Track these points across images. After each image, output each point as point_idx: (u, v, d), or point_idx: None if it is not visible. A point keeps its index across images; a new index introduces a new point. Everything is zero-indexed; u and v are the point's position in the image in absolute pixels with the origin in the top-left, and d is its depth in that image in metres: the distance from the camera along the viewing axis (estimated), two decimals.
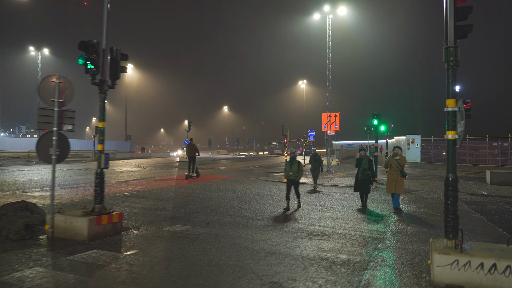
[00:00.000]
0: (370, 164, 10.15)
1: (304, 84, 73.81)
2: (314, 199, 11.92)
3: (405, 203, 11.18)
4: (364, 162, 10.15)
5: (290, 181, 9.94)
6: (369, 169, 10.06)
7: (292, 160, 9.93)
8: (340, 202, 11.27)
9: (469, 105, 13.37)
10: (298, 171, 9.74)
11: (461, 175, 20.86)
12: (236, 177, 19.79)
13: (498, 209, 10.25)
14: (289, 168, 9.86)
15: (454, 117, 4.70)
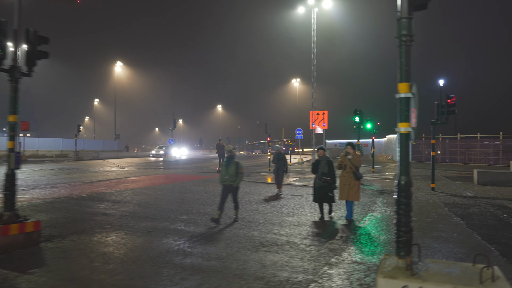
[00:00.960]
0: (330, 168, 8.21)
1: (298, 83, 72.95)
2: (284, 201, 10.98)
3: (382, 206, 10.28)
4: (322, 166, 8.25)
5: (226, 187, 7.88)
6: (329, 174, 8.16)
7: (228, 161, 7.97)
8: (312, 205, 10.34)
9: (453, 100, 12.51)
10: (235, 174, 7.81)
11: (449, 174, 20.01)
12: (216, 177, 18.85)
13: (480, 212, 9.36)
14: (225, 170, 7.87)
15: (407, 106, 3.77)
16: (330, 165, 8.25)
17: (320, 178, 8.18)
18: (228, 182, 7.84)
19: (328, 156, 8.51)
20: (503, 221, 8.33)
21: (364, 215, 9.01)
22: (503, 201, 11.04)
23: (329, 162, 8.28)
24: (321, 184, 8.16)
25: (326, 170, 8.18)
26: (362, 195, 12.26)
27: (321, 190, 8.18)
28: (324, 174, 8.17)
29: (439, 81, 12.63)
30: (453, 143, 31.55)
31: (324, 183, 8.13)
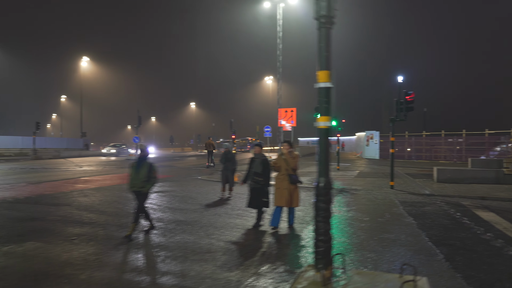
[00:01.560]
0: (264, 167, 7.20)
1: (271, 80, 72.61)
2: (239, 201, 10.46)
3: (338, 205, 9.92)
4: (256, 165, 7.23)
5: (136, 193, 6.54)
6: (263, 174, 7.15)
7: (140, 162, 6.55)
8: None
9: (412, 97, 12.31)
10: (147, 178, 6.45)
11: (413, 172, 20.06)
12: (175, 177, 18.11)
13: (434, 211, 9.14)
14: (135, 174, 6.47)
15: (327, 97, 3.30)
16: (266, 164, 7.26)
17: (252, 178, 7.28)
18: (137, 188, 6.48)
19: (264, 155, 7.59)
20: (454, 220, 8.11)
21: (313, 218, 8.59)
22: (458, 199, 10.92)
23: (264, 162, 7.29)
24: (254, 185, 7.23)
25: (260, 169, 7.18)
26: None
27: (254, 193, 7.26)
28: (257, 174, 7.21)
29: (397, 78, 12.35)
30: (419, 140, 31.95)
31: (256, 184, 7.19)
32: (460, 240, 6.43)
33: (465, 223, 7.83)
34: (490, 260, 5.33)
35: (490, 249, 5.91)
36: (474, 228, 7.37)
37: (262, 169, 7.18)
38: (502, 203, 10.33)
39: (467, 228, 7.32)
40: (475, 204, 10.12)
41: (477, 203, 10.22)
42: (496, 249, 5.87)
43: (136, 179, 6.47)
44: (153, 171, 6.59)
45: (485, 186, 13.09)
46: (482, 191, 12.06)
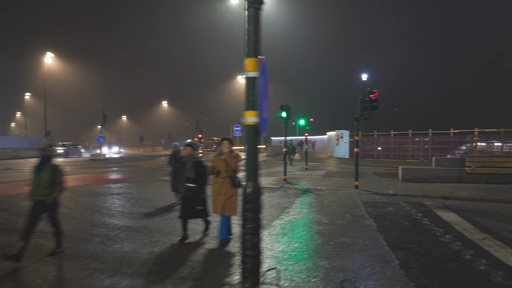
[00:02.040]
0: (198, 171, 6.11)
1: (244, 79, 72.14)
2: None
3: (300, 206, 9.54)
4: (187, 169, 6.14)
5: (37, 204, 5.24)
6: (196, 179, 6.08)
7: (41, 165, 5.32)
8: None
9: (376, 95, 12.11)
10: (50, 185, 5.23)
11: (380, 171, 20.09)
12: (137, 177, 17.33)
13: (396, 211, 8.91)
14: (36, 179, 5.25)
15: (254, 88, 2.84)
16: (199, 167, 6.16)
17: (183, 185, 6.15)
18: (40, 197, 5.21)
19: (196, 156, 6.38)
20: (415, 221, 7.88)
21: (271, 220, 8.16)
22: (421, 199, 10.79)
23: (198, 164, 6.19)
24: (186, 193, 6.11)
25: (193, 174, 6.09)
26: (283, 195, 11.53)
27: (187, 202, 6.12)
28: (189, 180, 6.10)
29: (362, 76, 12.14)
30: (387, 139, 32.31)
31: (189, 191, 6.08)
32: (418, 244, 6.14)
33: (425, 224, 7.60)
34: (446, 265, 5.05)
35: (447, 253, 5.64)
36: (434, 229, 7.14)
37: (195, 173, 6.11)
38: (463, 202, 10.26)
39: (426, 230, 7.08)
40: (437, 204, 9.99)
41: (439, 203, 10.09)
42: (453, 253, 5.61)
43: (37, 186, 5.21)
44: (58, 175, 5.33)
45: (448, 185, 13.09)
46: (444, 190, 12.02)
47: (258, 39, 2.85)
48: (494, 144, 28.45)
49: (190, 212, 6.12)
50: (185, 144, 6.53)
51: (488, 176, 13.55)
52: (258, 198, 2.83)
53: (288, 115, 14.59)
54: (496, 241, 6.30)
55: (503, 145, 25.74)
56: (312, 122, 23.04)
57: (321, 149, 55.82)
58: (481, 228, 7.28)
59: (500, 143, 26.47)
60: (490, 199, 10.40)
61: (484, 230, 7.11)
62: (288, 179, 15.55)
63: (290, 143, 23.42)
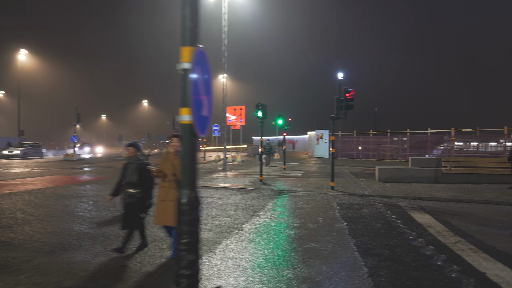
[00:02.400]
0: (142, 175, 5.33)
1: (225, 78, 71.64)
2: None
3: (272, 209, 9.21)
4: (130, 172, 5.35)
5: None
6: (140, 184, 5.31)
7: None
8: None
9: (352, 94, 11.88)
10: None
11: (358, 171, 19.98)
12: (108, 179, 16.68)
13: (370, 213, 8.67)
14: None
15: (186, 81, 2.45)
16: (143, 171, 5.35)
17: (125, 191, 5.36)
18: None
19: (141, 157, 5.53)
20: (388, 224, 7.64)
21: (240, 224, 7.80)
22: (396, 200, 10.62)
23: (141, 167, 5.38)
24: (128, 200, 5.31)
25: (136, 178, 5.29)
26: (257, 196, 11.19)
27: (129, 210, 5.32)
28: (131, 184, 5.32)
29: (338, 75, 11.90)
30: (366, 139, 32.40)
31: (131, 198, 5.29)
32: (389, 249, 5.88)
33: (398, 227, 7.37)
34: (417, 273, 4.77)
35: (419, 258, 5.39)
36: (407, 232, 6.91)
37: (138, 177, 5.31)
38: (438, 203, 10.13)
39: (399, 234, 6.84)
40: (412, 205, 9.82)
41: (414, 204, 9.93)
42: (424, 259, 5.36)
43: None
44: None
45: (424, 186, 13.00)
46: (420, 190, 11.90)
47: (196, 25, 2.46)
48: (471, 143, 28.85)
49: (132, 221, 5.35)
50: (127, 144, 5.65)
51: (463, 176, 13.53)
52: (195, 208, 2.45)
53: (264, 115, 14.26)
54: (469, 244, 6.10)
55: (479, 144, 26.11)
56: (290, 121, 22.83)
57: (303, 149, 55.87)
58: (454, 230, 7.09)
59: (476, 142, 26.83)
60: (465, 199, 10.31)
61: (457, 232, 6.92)
62: (264, 180, 15.21)
63: (267, 143, 23.04)
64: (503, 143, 25.37)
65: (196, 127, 2.40)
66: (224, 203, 10.23)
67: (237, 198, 11.10)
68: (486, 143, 26.94)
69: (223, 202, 10.39)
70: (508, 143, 23.68)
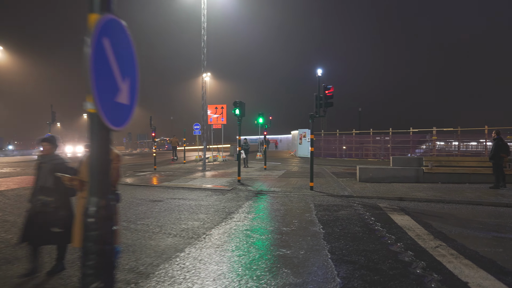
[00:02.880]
0: (57, 179, 4.25)
1: (208, 77, 70.76)
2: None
3: (246, 211, 8.70)
4: (42, 175, 4.42)
5: None
6: (55, 190, 4.36)
7: None
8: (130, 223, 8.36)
9: (331, 92, 11.46)
10: None
11: (339, 170, 19.65)
12: None
13: (348, 215, 8.24)
14: None
15: (87, 57, 1.89)
16: (61, 172, 4.23)
17: (36, 197, 4.39)
18: None
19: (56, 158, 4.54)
20: (367, 227, 7.21)
21: (209, 228, 7.26)
22: (376, 201, 10.24)
23: (58, 167, 4.39)
24: (39, 208, 4.32)
25: (50, 183, 4.36)
26: (233, 198, 10.67)
27: (39, 220, 4.32)
28: (44, 190, 4.38)
29: (317, 71, 11.46)
30: (349, 138, 32.19)
31: (44, 206, 4.31)
32: (366, 255, 5.43)
33: (377, 230, 6.95)
34: (393, 283, 4.33)
35: (397, 266, 4.95)
36: (385, 236, 6.49)
37: (53, 181, 4.36)
38: (419, 204, 9.78)
39: (377, 238, 6.41)
40: (392, 206, 9.45)
41: (394, 205, 9.56)
42: (403, 266, 4.93)
43: None
44: None
45: (405, 186, 12.68)
46: (401, 191, 11.56)
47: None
48: (452, 143, 28.93)
49: (41, 235, 4.32)
50: (40, 139, 4.60)
51: (445, 175, 13.28)
52: (107, 221, 1.91)
53: (241, 112, 13.73)
54: (450, 249, 5.70)
55: (460, 144, 26.13)
56: (271, 120, 22.32)
57: (287, 148, 55.59)
58: (435, 233, 6.70)
59: (457, 142, 26.88)
60: (446, 200, 9.99)
61: (438, 236, 6.53)
62: (243, 180, 14.70)
63: (245, 142, 22.13)
64: (483, 143, 25.44)
65: (104, 118, 1.86)
66: (196, 205, 9.68)
67: (212, 199, 10.56)
68: (467, 143, 26.94)
69: (196, 204, 9.84)
70: (489, 142, 23.74)
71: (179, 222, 7.60)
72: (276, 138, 63.86)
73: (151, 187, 13.34)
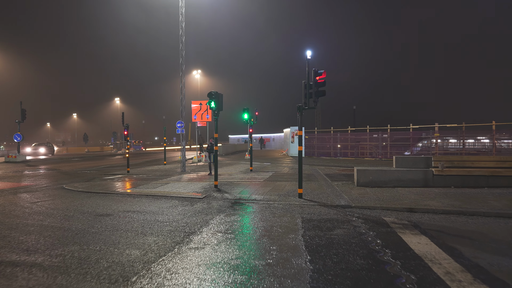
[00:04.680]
0: None
1: (199, 75, 68.41)
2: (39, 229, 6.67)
3: (213, 230, 6.57)
4: None
5: None
6: None
7: None
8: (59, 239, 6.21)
9: (323, 77, 9.36)
10: None
11: (334, 172, 17.55)
12: (34, 185, 13.68)
13: (346, 237, 6.13)
14: None
15: None
16: None
17: None
18: None
19: None
20: (373, 257, 5.11)
21: (148, 263, 5.11)
22: (380, 213, 8.16)
23: None
24: None
25: None
26: (202, 209, 8.53)
27: None
28: None
29: (306, 53, 9.35)
30: (344, 136, 30.14)
31: None
32: None
33: (387, 263, 4.85)
34: None
35: None
36: (402, 276, 4.39)
37: None
38: (435, 217, 7.70)
39: (390, 279, 4.31)
40: (402, 220, 7.37)
41: (403, 219, 7.48)
42: None
43: None
44: None
45: (412, 191, 10.60)
46: (409, 198, 9.48)
47: None
48: (466, 140, 26.83)
49: None
50: None
51: (458, 178, 11.23)
52: None
53: (217, 105, 11.59)
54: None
55: (464, 141, 24.13)
56: (258, 116, 20.17)
57: (280, 147, 53.59)
58: (471, 268, 4.62)
59: (460, 139, 24.85)
60: (468, 211, 7.92)
61: (478, 274, 4.45)
62: (221, 185, 12.57)
63: (211, 144, 15.69)
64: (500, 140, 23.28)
65: None
66: (152, 221, 7.55)
67: (174, 212, 8.42)
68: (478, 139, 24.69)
69: (152, 219, 7.70)
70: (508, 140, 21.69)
71: (112, 252, 5.45)
72: (268, 136, 61.85)
73: (109, 195, 11.16)
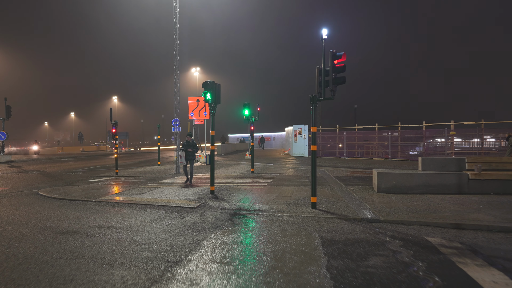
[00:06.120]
0: None
1: (198, 72, 66.69)
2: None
3: (205, 257, 4.85)
4: None
5: None
6: None
7: None
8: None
9: (342, 61, 7.62)
10: None
11: (344, 174, 15.80)
12: (8, 189, 11.98)
13: (386, 271, 4.40)
14: None
15: None
16: None
17: None
18: None
19: None
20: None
21: None
22: (419, 230, 6.43)
23: None
24: None
25: None
26: (194, 224, 6.80)
27: None
28: None
29: (321, 32, 7.60)
30: (351, 135, 28.40)
31: None
32: None
33: None
34: None
35: None
36: None
37: None
38: (493, 237, 5.98)
39: None
40: (451, 242, 5.65)
41: (453, 240, 5.77)
42: None
43: None
44: None
45: (447, 199, 8.88)
46: (448, 210, 7.75)
47: None
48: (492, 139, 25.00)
49: None
50: None
51: (498, 183, 9.50)
52: None
53: (213, 98, 9.86)
54: None
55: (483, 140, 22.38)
56: (259, 112, 18.44)
57: (281, 147, 51.89)
58: None
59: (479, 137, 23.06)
60: None
61: None
62: (218, 190, 10.85)
63: (188, 142, 12.95)
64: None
65: None
66: (128, 241, 5.83)
67: (159, 228, 6.71)
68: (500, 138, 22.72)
69: (128, 239, 5.98)
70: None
71: None
72: (270, 135, 60.14)
73: (85, 203, 9.44)
